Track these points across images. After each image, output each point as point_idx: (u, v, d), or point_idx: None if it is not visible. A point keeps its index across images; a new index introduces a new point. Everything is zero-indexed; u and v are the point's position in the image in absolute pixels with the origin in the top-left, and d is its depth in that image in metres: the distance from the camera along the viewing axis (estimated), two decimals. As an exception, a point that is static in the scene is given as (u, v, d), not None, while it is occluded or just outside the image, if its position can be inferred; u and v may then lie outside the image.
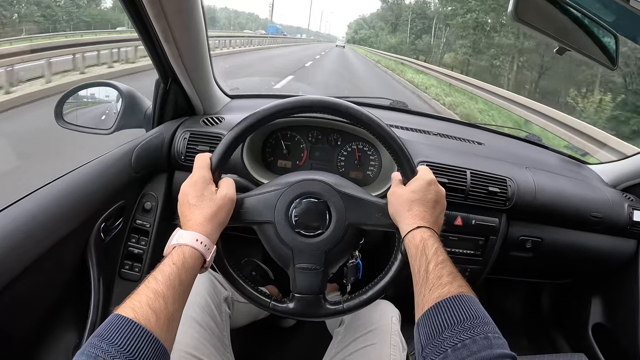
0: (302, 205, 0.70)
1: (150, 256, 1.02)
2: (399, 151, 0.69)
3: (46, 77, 5.50)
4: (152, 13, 0.76)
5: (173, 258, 0.55)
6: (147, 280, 0.52)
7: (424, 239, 0.61)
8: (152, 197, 1.03)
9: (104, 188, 0.86)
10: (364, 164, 1.12)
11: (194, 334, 0.76)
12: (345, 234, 0.70)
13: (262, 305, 0.72)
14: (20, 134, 3.78)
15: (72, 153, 2.77)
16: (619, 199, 1.17)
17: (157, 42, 0.86)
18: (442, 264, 0.57)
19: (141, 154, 0.95)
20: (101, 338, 0.44)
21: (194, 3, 0.79)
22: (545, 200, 1.08)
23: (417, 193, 0.66)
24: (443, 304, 0.52)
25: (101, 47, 7.41)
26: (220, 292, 0.91)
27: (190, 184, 0.64)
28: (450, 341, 0.47)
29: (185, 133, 1.02)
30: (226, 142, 0.68)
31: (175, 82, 1.01)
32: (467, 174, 1.03)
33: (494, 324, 0.50)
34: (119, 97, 1.03)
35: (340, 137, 1.11)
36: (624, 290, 1.27)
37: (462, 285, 0.55)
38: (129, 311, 0.47)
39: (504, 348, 0.47)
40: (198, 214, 0.61)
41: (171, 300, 0.50)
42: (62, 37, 10.76)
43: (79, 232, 0.78)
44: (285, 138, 1.12)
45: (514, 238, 1.11)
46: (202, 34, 0.89)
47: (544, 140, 1.49)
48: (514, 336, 1.53)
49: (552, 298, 1.61)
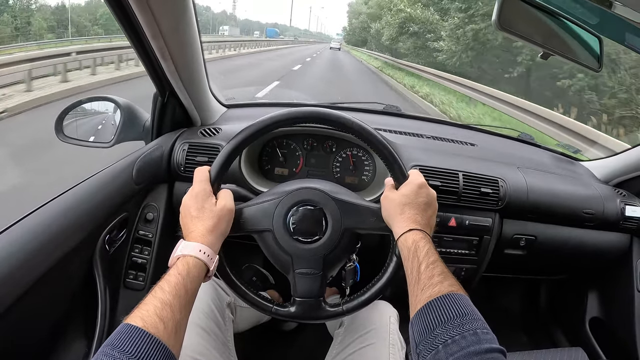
0: (299, 213, 0.72)
1: (154, 265, 1.04)
2: (389, 156, 0.72)
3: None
4: (150, 34, 0.78)
5: (178, 268, 0.58)
6: (154, 290, 0.54)
7: (415, 241, 0.63)
8: (154, 208, 1.05)
9: (108, 201, 0.88)
10: (359, 169, 1.14)
11: (199, 340, 0.79)
12: (341, 238, 0.72)
13: (264, 310, 0.74)
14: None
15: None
16: (611, 195, 1.19)
17: (154, 59, 0.88)
18: (434, 265, 0.60)
19: (142, 167, 0.97)
20: (113, 347, 0.46)
21: (189, 21, 0.82)
22: (537, 198, 1.10)
23: (408, 197, 0.69)
24: (434, 303, 0.55)
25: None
26: (223, 298, 0.93)
27: (191, 197, 0.67)
28: (441, 338, 0.50)
29: (184, 145, 1.05)
30: (223, 155, 0.70)
31: (173, 95, 1.03)
32: (460, 176, 1.05)
33: (484, 320, 0.53)
34: (118, 111, 1.06)
35: (335, 143, 1.14)
36: (619, 284, 1.29)
37: (452, 284, 0.57)
38: (138, 320, 0.49)
39: (492, 343, 0.49)
40: (200, 226, 0.64)
41: (178, 309, 0.53)
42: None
43: (85, 244, 0.81)
44: (281, 146, 1.14)
45: (507, 237, 1.13)
46: (197, 48, 0.92)
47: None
48: (512, 332, 1.56)
49: (549, 294, 1.64)
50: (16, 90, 5.51)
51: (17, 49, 11.76)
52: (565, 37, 0.89)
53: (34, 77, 5.77)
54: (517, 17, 0.80)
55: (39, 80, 6.11)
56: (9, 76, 5.44)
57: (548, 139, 4.79)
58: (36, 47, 11.82)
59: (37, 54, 6.61)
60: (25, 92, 5.48)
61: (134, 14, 0.74)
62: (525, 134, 1.50)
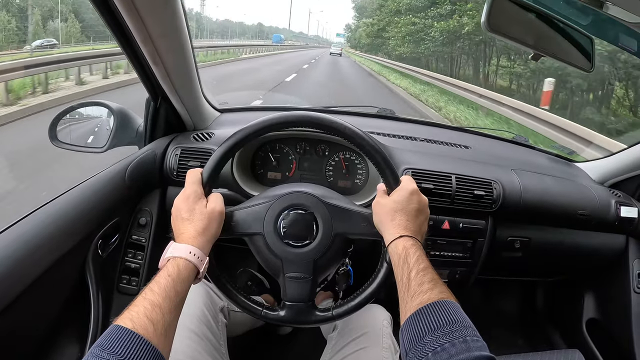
0: (290, 217, 0.72)
1: (147, 270, 1.04)
2: (382, 162, 0.72)
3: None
4: (139, 38, 0.78)
5: (168, 270, 0.58)
6: (144, 291, 0.54)
7: (406, 247, 0.63)
8: (147, 213, 1.05)
9: (100, 206, 0.88)
10: (352, 173, 1.14)
11: (192, 344, 0.78)
12: (332, 243, 0.72)
13: (254, 313, 0.74)
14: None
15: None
16: (605, 196, 1.19)
17: (145, 64, 0.89)
18: (424, 272, 0.60)
19: (135, 171, 0.97)
20: (102, 348, 0.47)
21: (178, 26, 0.82)
22: (531, 200, 1.10)
23: (399, 203, 0.68)
24: (424, 310, 0.54)
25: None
26: (216, 302, 0.93)
27: (182, 199, 0.67)
28: (431, 345, 0.50)
29: (176, 149, 1.05)
30: (216, 157, 0.71)
31: (165, 100, 1.03)
32: (453, 178, 1.05)
33: (474, 327, 0.53)
34: (111, 116, 1.06)
35: (327, 147, 1.14)
36: (616, 284, 1.29)
37: (442, 292, 0.57)
38: (128, 322, 0.49)
39: (482, 350, 0.49)
40: (190, 228, 0.64)
41: (167, 310, 0.53)
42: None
43: (77, 249, 0.81)
44: (274, 150, 1.14)
45: (502, 239, 1.13)
46: (188, 53, 0.92)
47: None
48: (509, 334, 1.55)
49: (545, 296, 1.63)
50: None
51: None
52: (556, 38, 0.89)
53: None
54: (507, 19, 0.80)
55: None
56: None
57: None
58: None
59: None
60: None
61: (123, 19, 0.74)
62: (520, 135, 1.50)
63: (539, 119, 5.48)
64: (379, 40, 32.45)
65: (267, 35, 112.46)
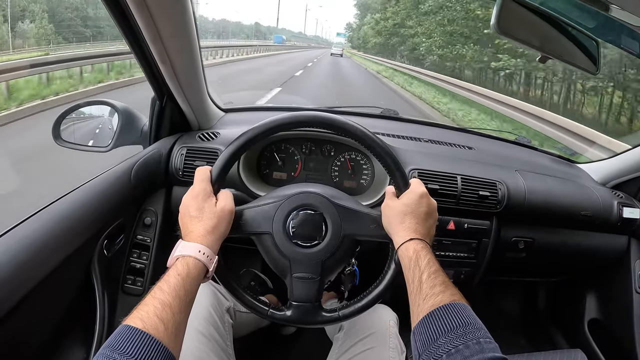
0: (299, 217, 0.72)
1: (152, 270, 1.03)
2: (392, 164, 0.72)
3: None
4: (149, 37, 0.78)
5: (178, 269, 0.57)
6: (153, 290, 0.54)
7: (416, 250, 0.63)
8: (152, 213, 1.05)
9: (105, 206, 0.88)
10: (358, 173, 1.14)
11: (199, 345, 0.78)
12: (340, 244, 0.72)
13: (260, 313, 0.74)
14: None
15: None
16: (608, 197, 1.20)
17: (153, 62, 0.88)
18: (435, 274, 0.60)
19: (140, 171, 0.97)
20: (112, 348, 0.46)
21: (188, 25, 0.81)
22: (535, 201, 1.10)
23: (409, 206, 0.69)
24: (437, 313, 0.55)
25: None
26: (223, 303, 0.93)
27: (191, 197, 0.66)
28: (445, 347, 0.50)
29: (182, 149, 1.04)
30: (226, 156, 0.70)
31: (171, 99, 1.03)
32: (458, 179, 1.05)
33: (486, 329, 0.53)
34: (116, 115, 1.05)
35: (333, 147, 1.14)
36: (618, 285, 1.29)
37: (454, 294, 0.57)
38: (138, 321, 0.49)
39: (496, 352, 0.49)
40: (200, 226, 0.64)
41: (177, 310, 0.53)
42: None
43: (82, 249, 0.80)
44: (279, 150, 1.14)
45: (506, 239, 1.14)
46: (196, 52, 0.92)
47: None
48: (512, 334, 1.56)
49: (548, 296, 1.64)
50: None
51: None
52: (563, 41, 0.90)
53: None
54: (516, 22, 0.81)
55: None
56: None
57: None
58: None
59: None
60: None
61: (133, 18, 0.73)
62: (522, 137, 1.51)
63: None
64: (396, 39, 24.22)
65: (265, 36, 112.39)
